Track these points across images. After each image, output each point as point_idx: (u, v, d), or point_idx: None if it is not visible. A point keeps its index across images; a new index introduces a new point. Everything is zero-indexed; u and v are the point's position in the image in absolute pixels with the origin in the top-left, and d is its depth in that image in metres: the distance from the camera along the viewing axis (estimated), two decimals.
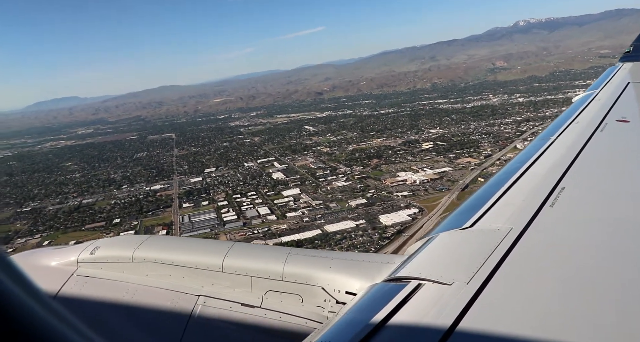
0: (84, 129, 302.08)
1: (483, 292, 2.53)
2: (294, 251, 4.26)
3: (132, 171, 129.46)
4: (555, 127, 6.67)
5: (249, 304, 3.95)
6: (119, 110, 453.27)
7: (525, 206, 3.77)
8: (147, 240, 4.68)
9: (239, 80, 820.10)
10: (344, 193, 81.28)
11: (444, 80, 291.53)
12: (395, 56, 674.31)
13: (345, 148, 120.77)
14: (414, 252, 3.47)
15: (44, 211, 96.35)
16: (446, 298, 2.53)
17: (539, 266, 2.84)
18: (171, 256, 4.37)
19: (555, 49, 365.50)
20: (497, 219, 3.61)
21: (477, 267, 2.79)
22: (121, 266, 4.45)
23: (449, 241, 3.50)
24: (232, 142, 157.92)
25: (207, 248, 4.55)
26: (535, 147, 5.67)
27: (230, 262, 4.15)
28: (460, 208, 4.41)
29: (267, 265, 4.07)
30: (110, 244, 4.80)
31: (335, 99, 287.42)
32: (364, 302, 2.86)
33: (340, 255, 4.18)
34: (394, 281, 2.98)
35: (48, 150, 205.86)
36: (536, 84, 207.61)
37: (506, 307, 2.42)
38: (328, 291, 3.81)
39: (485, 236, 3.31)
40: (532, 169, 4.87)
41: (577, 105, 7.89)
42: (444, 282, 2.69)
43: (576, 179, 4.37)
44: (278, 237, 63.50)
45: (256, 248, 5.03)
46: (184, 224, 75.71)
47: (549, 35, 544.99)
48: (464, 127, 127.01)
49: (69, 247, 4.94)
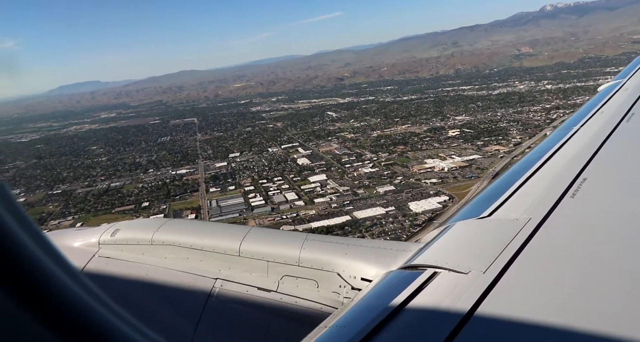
0: (106, 113, 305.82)
1: (500, 281, 2.50)
2: (310, 236, 4.28)
3: (157, 155, 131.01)
4: (579, 116, 6.46)
5: (265, 288, 4.01)
6: (140, 95, 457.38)
7: (545, 196, 3.71)
8: (166, 223, 4.76)
9: (257, 66, 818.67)
10: (371, 180, 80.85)
11: (467, 66, 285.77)
12: (416, 42, 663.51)
13: (370, 134, 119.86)
14: (431, 240, 3.46)
15: (74, 194, 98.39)
16: (462, 287, 2.51)
17: (558, 257, 2.79)
18: (189, 240, 4.43)
19: (584, 34, 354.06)
20: (516, 209, 3.57)
21: (494, 256, 2.76)
22: (141, 248, 4.54)
23: (466, 230, 3.49)
24: (255, 127, 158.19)
25: (224, 232, 4.62)
26: (557, 137, 5.57)
27: (247, 247, 4.19)
28: (478, 197, 4.42)
29: (283, 250, 4.11)
30: (130, 226, 4.89)
31: (356, 85, 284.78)
32: (379, 288, 2.87)
33: (356, 242, 4.21)
34: (410, 268, 3.00)
35: (73, 133, 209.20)
36: (564, 71, 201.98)
37: (523, 296, 2.40)
38: (344, 277, 3.83)
39: (503, 226, 3.28)
40: (553, 159, 4.79)
41: (603, 95, 7.62)
42: (461, 271, 2.66)
43: (599, 170, 4.26)
44: (307, 223, 63.59)
45: (273, 233, 5.11)
46: (212, 209, 76.37)
47: (578, 20, 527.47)
48: (490, 115, 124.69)
49: (90, 228, 5.05)
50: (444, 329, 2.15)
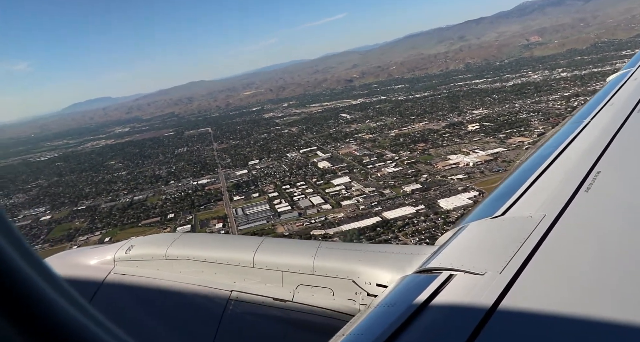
0: (120, 128, 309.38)
1: (517, 281, 2.47)
2: (324, 244, 4.27)
3: (176, 166, 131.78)
4: (589, 109, 6.38)
5: (280, 298, 4.03)
6: (151, 108, 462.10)
7: (558, 192, 3.65)
8: (180, 238, 4.80)
9: (264, 72, 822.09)
10: (396, 179, 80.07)
11: (477, 59, 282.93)
12: (421, 38, 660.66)
13: (388, 134, 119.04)
14: (445, 242, 3.46)
15: (98, 209, 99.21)
16: (479, 288, 2.49)
17: (575, 254, 2.76)
18: (203, 253, 4.48)
19: (593, 19, 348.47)
20: (530, 207, 3.53)
21: (510, 256, 2.73)
22: (155, 264, 4.59)
23: (479, 230, 3.47)
24: (270, 133, 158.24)
25: (237, 244, 4.67)
26: (568, 131, 5.50)
27: (260, 258, 4.21)
28: (491, 196, 4.36)
29: (297, 259, 4.11)
30: (145, 242, 4.95)
31: (366, 86, 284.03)
32: (395, 294, 2.86)
33: (369, 247, 4.21)
34: (425, 272, 3.00)
35: (90, 150, 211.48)
36: (578, 57, 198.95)
37: (541, 295, 2.37)
38: (359, 284, 3.80)
39: (517, 224, 3.25)
40: (564, 153, 4.71)
41: (612, 86, 7.47)
42: (476, 272, 2.64)
43: (612, 163, 4.21)
44: (337, 226, 63.08)
45: (286, 243, 5.19)
46: (238, 217, 76.20)
47: (585, 5, 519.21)
48: (508, 106, 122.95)
49: (105, 246, 5.16)
50: (464, 332, 2.12)
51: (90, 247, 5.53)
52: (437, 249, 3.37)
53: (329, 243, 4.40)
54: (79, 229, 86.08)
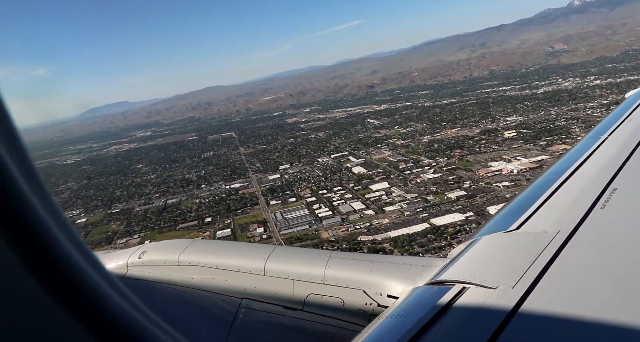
0: (142, 132, 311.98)
1: (530, 296, 2.45)
2: (335, 254, 4.28)
3: (205, 170, 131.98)
4: (607, 125, 6.33)
5: (291, 306, 4.04)
6: (171, 112, 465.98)
7: (573, 208, 3.65)
8: (192, 244, 4.83)
9: (281, 78, 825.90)
10: (437, 185, 78.67)
11: (501, 66, 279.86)
12: (440, 45, 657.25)
13: (420, 140, 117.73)
14: (457, 255, 3.45)
15: (132, 212, 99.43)
16: (491, 302, 2.48)
17: (588, 270, 2.75)
18: (215, 260, 4.50)
19: (621, 26, 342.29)
20: (544, 222, 3.51)
21: (523, 270, 2.73)
22: (168, 269, 4.61)
23: (492, 244, 3.46)
24: (297, 138, 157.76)
25: (249, 252, 4.67)
26: (586, 146, 5.44)
27: (272, 266, 4.22)
28: (504, 210, 4.32)
29: (308, 268, 4.12)
30: (157, 248, 4.99)
31: (388, 92, 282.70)
32: (406, 305, 2.86)
33: (380, 258, 4.23)
34: (437, 284, 3.00)
35: (115, 153, 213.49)
36: (609, 65, 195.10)
37: (553, 311, 2.33)
38: (369, 294, 3.81)
39: (531, 239, 3.26)
40: (581, 169, 4.67)
41: (631, 102, 7.41)
42: (489, 286, 2.63)
43: (629, 180, 4.16)
44: (384, 232, 61.97)
45: (297, 251, 5.13)
46: (278, 221, 75.44)
47: (610, 13, 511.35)
48: (543, 114, 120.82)
49: (119, 251, 5.18)
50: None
51: (104, 251, 5.59)
52: (449, 262, 3.37)
53: (339, 253, 4.39)
54: (116, 232, 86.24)
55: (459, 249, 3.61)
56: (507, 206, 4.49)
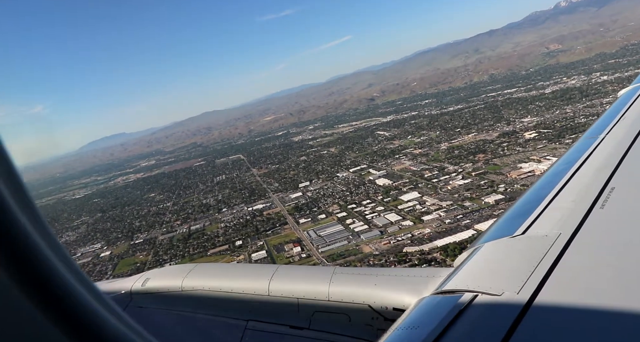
0: (145, 161, 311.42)
1: (535, 301, 2.46)
2: (338, 270, 4.27)
3: (221, 194, 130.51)
4: (602, 124, 6.37)
5: (297, 326, 4.03)
6: (171, 140, 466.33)
7: (573, 210, 3.66)
8: (195, 269, 4.81)
9: (277, 98, 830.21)
10: (471, 191, 77.38)
11: (501, 70, 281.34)
12: (433, 54, 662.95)
13: (438, 147, 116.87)
14: (460, 263, 3.44)
15: (157, 241, 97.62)
16: (496, 309, 2.50)
17: (592, 271, 2.77)
18: (218, 283, 4.51)
19: (612, 23, 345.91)
20: (545, 225, 3.52)
21: (527, 276, 2.74)
22: (172, 296, 4.61)
23: (495, 250, 3.47)
24: (309, 155, 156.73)
25: (252, 273, 4.67)
26: (581, 147, 5.48)
27: (276, 286, 4.22)
28: (506, 216, 4.31)
29: (312, 286, 4.11)
30: (160, 274, 4.98)
31: (390, 103, 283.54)
32: (412, 317, 2.85)
33: (384, 271, 4.24)
34: (442, 294, 3.00)
35: (123, 184, 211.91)
36: (611, 61, 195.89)
37: (559, 315, 2.35)
38: (375, 309, 3.80)
39: (533, 243, 3.27)
40: (579, 170, 4.65)
41: (624, 100, 7.44)
42: (494, 293, 2.64)
43: (626, 178, 4.19)
44: (429, 242, 60.55)
45: (300, 269, 5.12)
46: (313, 240, 73.80)
47: (599, 11, 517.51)
48: (559, 113, 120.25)
49: (121, 279, 5.17)
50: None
51: (107, 281, 5.49)
52: (454, 271, 3.35)
53: (343, 268, 4.37)
54: (144, 262, 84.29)
55: (463, 257, 3.58)
56: (508, 211, 4.43)
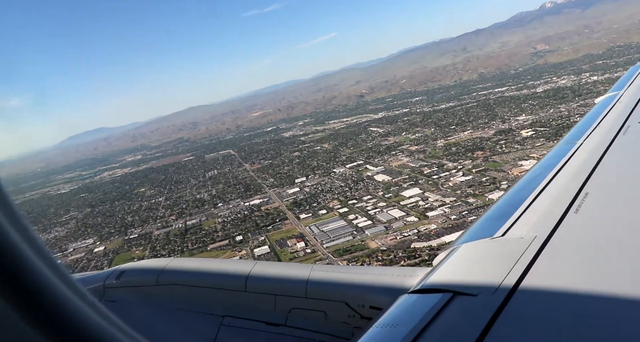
0: (131, 156, 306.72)
1: (510, 302, 2.50)
2: (316, 267, 4.28)
3: (215, 189, 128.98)
4: (579, 130, 6.60)
5: (273, 322, 4.01)
6: (156, 135, 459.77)
7: (548, 213, 3.76)
8: (170, 263, 4.75)
9: (264, 94, 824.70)
10: (473, 187, 77.62)
11: (490, 69, 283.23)
12: (420, 53, 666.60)
13: (434, 144, 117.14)
14: (438, 264, 3.49)
15: (152, 236, 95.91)
16: (472, 309, 2.53)
17: (565, 274, 2.82)
18: (194, 278, 4.46)
19: (597, 25, 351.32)
20: (521, 228, 3.61)
21: (502, 277, 2.78)
22: (147, 289, 4.52)
23: (472, 251, 3.52)
24: (302, 151, 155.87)
25: (229, 268, 4.58)
26: (559, 152, 5.62)
27: (253, 282, 4.21)
28: (483, 218, 4.38)
29: (289, 283, 4.12)
30: (135, 268, 4.88)
31: (379, 100, 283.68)
32: (388, 316, 2.87)
33: (362, 270, 4.43)
34: (420, 293, 3.04)
35: (110, 179, 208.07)
36: (599, 62, 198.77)
37: (533, 317, 2.39)
38: (352, 307, 3.82)
39: (510, 245, 3.34)
40: (555, 175, 4.77)
41: (601, 107, 7.79)
42: (469, 294, 2.67)
43: (599, 184, 4.33)
44: (437, 238, 60.49)
45: (278, 266, 5.10)
46: (316, 235, 73.20)
47: (583, 13, 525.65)
48: (553, 111, 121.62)
49: (94, 273, 5.04)
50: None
51: (79, 274, 5.36)
52: (430, 271, 3.40)
53: (321, 266, 4.36)
54: (142, 257, 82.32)
55: (441, 257, 3.62)
56: (486, 213, 4.48)
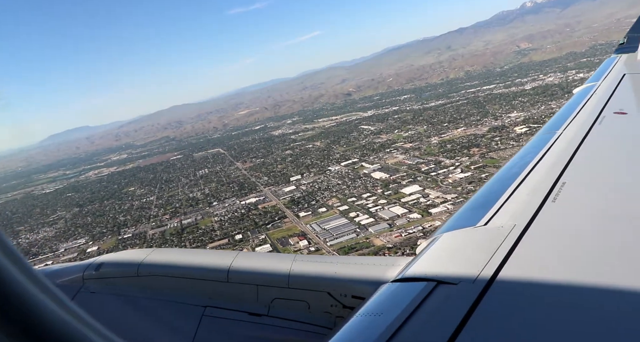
0: (116, 155, 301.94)
1: (489, 290, 2.54)
2: (299, 257, 4.27)
3: (208, 187, 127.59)
4: (558, 120, 6.76)
5: (255, 312, 4.02)
6: (141, 134, 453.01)
7: (527, 203, 3.82)
8: (152, 254, 4.69)
9: (249, 92, 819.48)
10: (473, 184, 78.05)
11: (476, 67, 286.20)
12: (404, 51, 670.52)
13: (429, 141, 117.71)
14: (419, 253, 3.52)
15: (147, 236, 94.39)
16: (453, 298, 2.56)
17: (544, 263, 2.88)
18: (176, 269, 4.42)
19: (577, 24, 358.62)
20: (501, 217, 3.66)
21: (482, 265, 2.82)
22: (127, 281, 4.46)
23: (453, 240, 3.57)
24: (294, 149, 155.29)
25: (211, 259, 4.56)
26: (537, 142, 5.76)
27: (235, 272, 4.19)
28: (464, 207, 4.45)
29: (272, 273, 4.11)
30: (115, 259, 4.82)
31: (367, 98, 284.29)
32: (371, 305, 2.88)
33: (344, 259, 4.32)
34: (400, 282, 3.07)
35: (96, 178, 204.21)
36: (583, 59, 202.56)
37: (512, 305, 2.44)
38: (334, 296, 3.84)
39: (489, 234, 3.39)
40: (533, 164, 4.85)
41: (579, 98, 7.96)
42: (450, 282, 2.71)
43: (576, 174, 4.42)
44: None
45: (260, 256, 5.14)
46: (318, 233, 72.89)
47: (563, 12, 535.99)
48: (544, 108, 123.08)
49: (73, 264, 4.94)
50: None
51: (58, 265, 5.21)
52: (412, 260, 3.43)
53: (303, 256, 4.38)
54: None
55: (422, 247, 3.65)
56: (467, 203, 4.53)
